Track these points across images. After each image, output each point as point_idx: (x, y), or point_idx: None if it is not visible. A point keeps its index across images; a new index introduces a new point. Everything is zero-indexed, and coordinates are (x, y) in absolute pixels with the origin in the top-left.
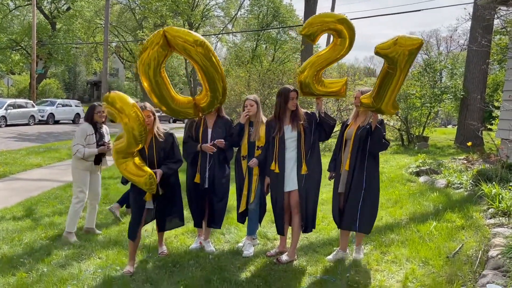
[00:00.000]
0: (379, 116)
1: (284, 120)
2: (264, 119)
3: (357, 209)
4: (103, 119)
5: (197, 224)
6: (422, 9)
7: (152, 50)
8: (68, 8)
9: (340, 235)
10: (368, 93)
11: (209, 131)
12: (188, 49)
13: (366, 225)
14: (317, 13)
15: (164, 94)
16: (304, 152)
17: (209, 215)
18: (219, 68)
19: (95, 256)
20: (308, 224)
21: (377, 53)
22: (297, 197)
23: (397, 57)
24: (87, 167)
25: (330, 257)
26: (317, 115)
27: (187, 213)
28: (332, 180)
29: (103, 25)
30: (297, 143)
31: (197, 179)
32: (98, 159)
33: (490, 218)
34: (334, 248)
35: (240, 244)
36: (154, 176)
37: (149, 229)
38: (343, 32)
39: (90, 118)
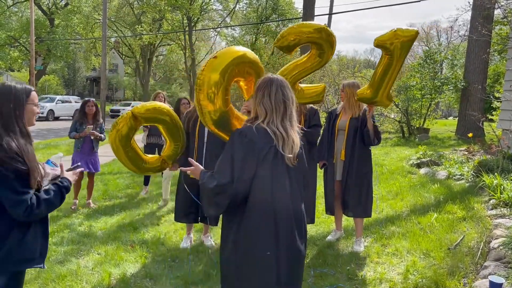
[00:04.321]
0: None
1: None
2: None
3: (361, 196)
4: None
5: (176, 218)
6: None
7: (122, 129)
8: (66, 4)
9: (335, 217)
10: (364, 86)
11: (206, 128)
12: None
13: (370, 210)
14: (315, 6)
15: (136, 160)
16: None
17: (202, 211)
18: (179, 124)
19: (94, 252)
20: (308, 217)
21: (377, 45)
22: None
23: (394, 47)
24: None
25: (330, 237)
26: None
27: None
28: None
29: (102, 21)
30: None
31: None
32: None
33: (492, 209)
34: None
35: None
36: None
37: (148, 224)
38: (320, 43)
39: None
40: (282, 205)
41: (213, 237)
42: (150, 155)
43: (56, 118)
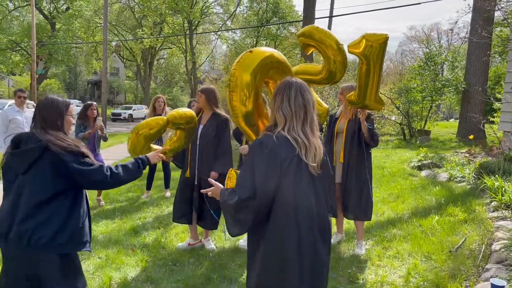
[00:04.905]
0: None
1: None
2: None
3: (361, 198)
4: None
5: (174, 218)
6: (421, 2)
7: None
8: (67, 8)
9: (336, 220)
10: (353, 91)
11: (200, 127)
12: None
13: (370, 213)
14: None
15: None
16: None
17: (198, 213)
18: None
19: (95, 256)
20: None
21: (350, 52)
22: None
23: (366, 52)
24: None
25: (332, 241)
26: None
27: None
28: None
29: (103, 25)
30: None
31: (187, 174)
32: None
33: (493, 211)
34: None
35: (241, 241)
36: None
37: (149, 228)
38: (332, 70)
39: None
40: (307, 217)
41: (214, 240)
42: (155, 146)
43: None
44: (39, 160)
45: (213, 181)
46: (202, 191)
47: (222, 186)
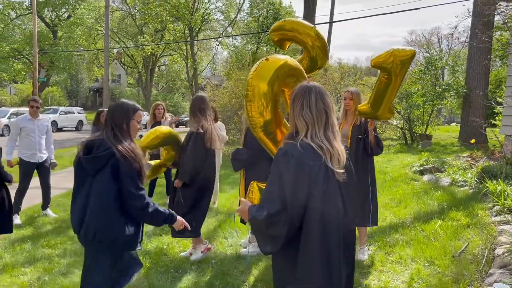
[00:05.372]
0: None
1: None
2: None
3: (368, 206)
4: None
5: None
6: (421, 7)
7: None
8: (69, 16)
9: None
10: (365, 102)
11: None
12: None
13: (376, 220)
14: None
15: None
16: None
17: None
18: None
19: None
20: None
21: (374, 65)
22: None
23: (391, 67)
24: None
25: None
26: None
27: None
28: None
29: (104, 32)
30: None
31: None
32: None
33: (496, 216)
34: None
35: (244, 250)
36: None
37: (150, 235)
38: (311, 47)
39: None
40: (335, 227)
41: (216, 247)
42: (153, 161)
43: (59, 129)
44: (106, 165)
45: (242, 199)
46: (237, 210)
47: (249, 203)
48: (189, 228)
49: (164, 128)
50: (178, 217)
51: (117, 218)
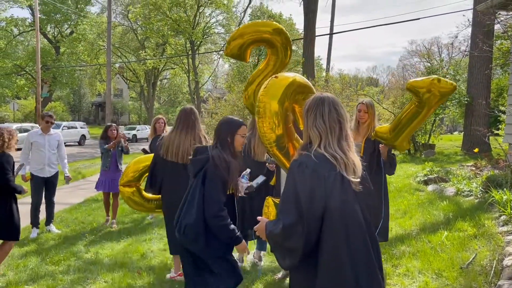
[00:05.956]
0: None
1: None
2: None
3: (380, 221)
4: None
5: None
6: (420, 18)
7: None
8: (71, 32)
9: None
10: (386, 125)
11: None
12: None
13: (386, 234)
14: (316, 26)
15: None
16: None
17: None
18: None
19: (101, 279)
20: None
21: (409, 88)
22: None
23: (428, 96)
24: None
25: None
26: None
27: None
28: None
29: (106, 47)
30: None
31: None
32: None
33: (503, 226)
34: None
35: (250, 258)
36: None
37: (155, 250)
38: (275, 43)
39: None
40: (359, 236)
41: None
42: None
43: None
44: (201, 169)
45: (259, 217)
46: (254, 228)
47: (266, 219)
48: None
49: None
50: (243, 242)
51: (201, 218)
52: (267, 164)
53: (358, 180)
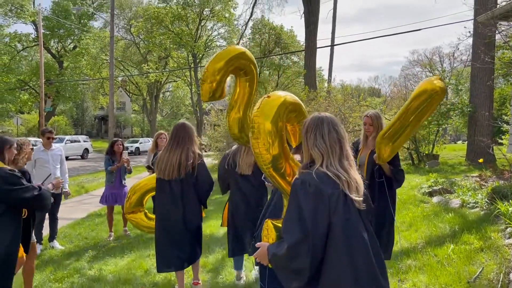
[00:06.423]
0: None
1: None
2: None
3: (384, 236)
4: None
5: (159, 268)
6: (421, 29)
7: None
8: (75, 47)
9: None
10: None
11: None
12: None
13: (391, 251)
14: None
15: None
16: None
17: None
18: None
19: None
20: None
21: (419, 92)
22: None
23: (434, 94)
24: None
25: None
26: None
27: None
28: None
29: (109, 61)
30: None
31: None
32: None
33: (509, 238)
34: None
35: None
36: None
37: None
38: (248, 67)
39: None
40: (364, 256)
41: (224, 277)
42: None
43: (65, 158)
44: None
45: (259, 243)
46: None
47: (266, 243)
48: None
49: None
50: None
51: None
52: (266, 183)
53: (361, 198)
